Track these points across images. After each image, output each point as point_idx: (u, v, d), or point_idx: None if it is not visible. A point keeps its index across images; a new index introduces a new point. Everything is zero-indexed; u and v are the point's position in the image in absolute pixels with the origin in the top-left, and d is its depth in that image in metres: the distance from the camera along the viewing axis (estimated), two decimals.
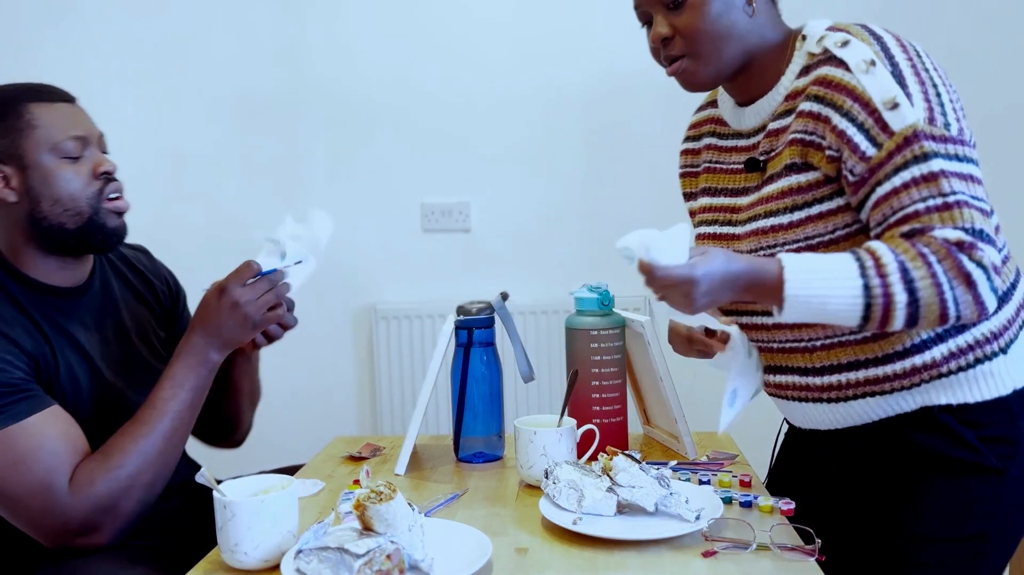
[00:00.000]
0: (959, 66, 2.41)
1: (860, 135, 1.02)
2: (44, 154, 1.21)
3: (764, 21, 1.14)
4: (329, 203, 2.53)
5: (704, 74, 1.14)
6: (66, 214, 1.23)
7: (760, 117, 1.17)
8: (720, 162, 1.26)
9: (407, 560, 0.95)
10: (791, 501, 1.19)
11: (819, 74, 1.07)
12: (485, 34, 2.49)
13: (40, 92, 1.25)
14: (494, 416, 1.46)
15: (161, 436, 1.20)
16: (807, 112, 1.08)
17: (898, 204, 1.00)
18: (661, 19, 1.13)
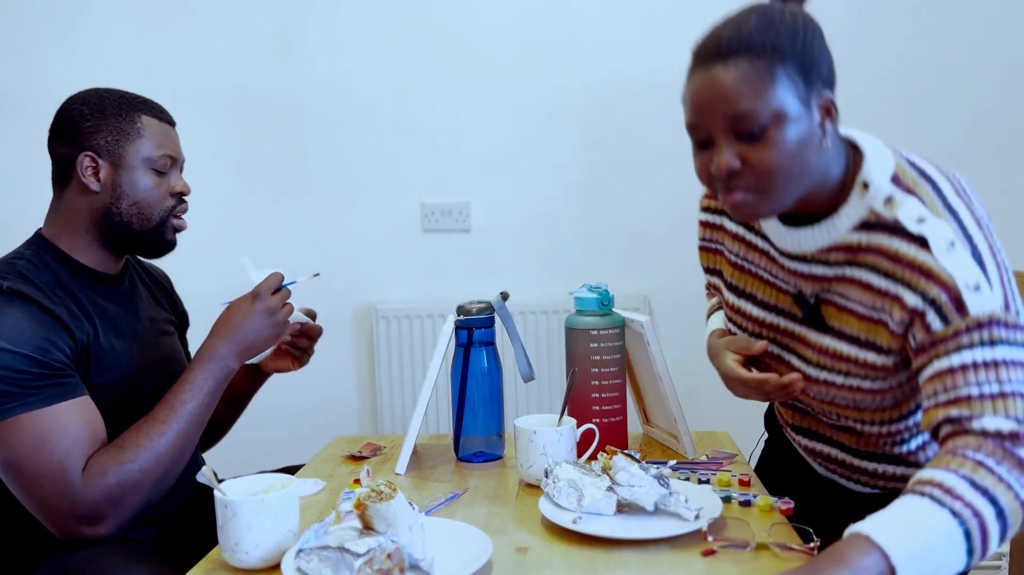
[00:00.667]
0: (957, 64, 2.42)
1: (932, 311, 0.98)
2: (140, 162, 1.32)
3: (831, 155, 1.05)
4: (329, 203, 2.54)
5: (765, 211, 1.04)
6: (138, 216, 1.33)
7: (800, 246, 1.10)
8: (750, 262, 1.20)
9: (407, 559, 0.96)
10: (790, 500, 1.19)
11: (891, 248, 1.02)
12: (485, 34, 2.49)
13: (153, 108, 1.36)
14: (494, 416, 1.46)
15: (175, 436, 1.24)
16: (876, 288, 1.04)
17: (952, 384, 0.96)
18: (728, 148, 1.00)
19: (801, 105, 0.99)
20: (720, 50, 1.00)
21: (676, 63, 2.61)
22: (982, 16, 2.41)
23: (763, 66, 0.97)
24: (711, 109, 1.00)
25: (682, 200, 2.49)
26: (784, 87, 0.98)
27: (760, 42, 0.98)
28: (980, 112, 2.41)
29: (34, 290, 1.22)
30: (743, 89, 0.97)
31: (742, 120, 0.98)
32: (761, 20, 1.00)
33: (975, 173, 2.49)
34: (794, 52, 0.98)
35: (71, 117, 1.32)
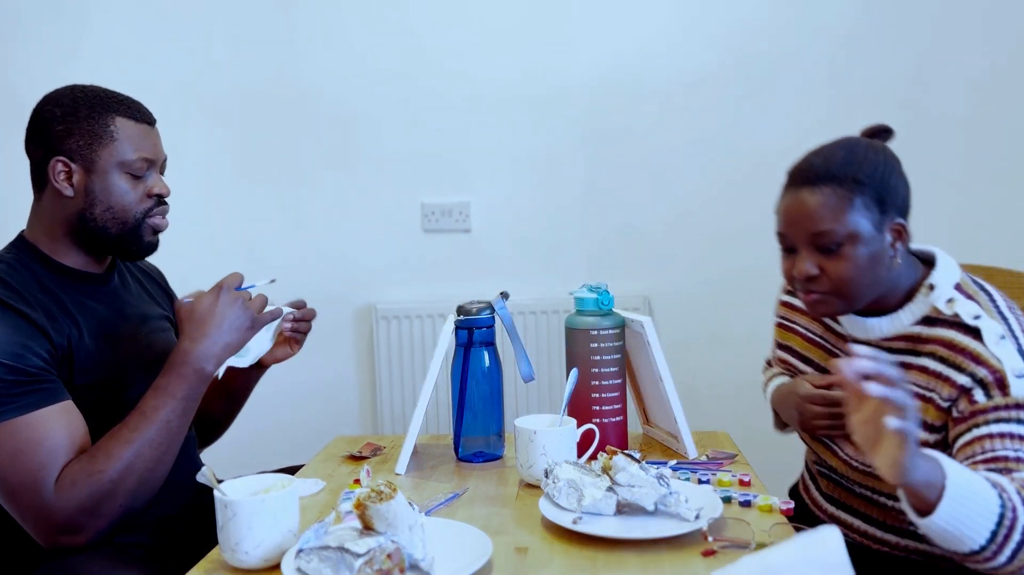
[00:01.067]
0: (957, 63, 2.42)
1: (979, 389, 1.13)
2: (113, 166, 1.28)
3: (901, 269, 1.22)
4: (329, 203, 2.54)
5: (840, 310, 1.24)
6: (113, 221, 1.29)
7: (868, 334, 1.26)
8: (822, 339, 1.37)
9: (407, 559, 0.96)
10: (790, 500, 1.19)
11: (948, 338, 1.18)
12: (485, 35, 2.49)
13: (129, 107, 1.31)
14: (494, 416, 1.46)
15: (147, 444, 1.19)
16: (931, 371, 1.18)
17: (990, 447, 1.09)
18: (809, 257, 1.19)
19: (874, 229, 1.17)
20: (810, 176, 1.19)
21: (676, 63, 2.63)
22: (983, 15, 2.41)
23: (844, 194, 1.16)
24: (797, 224, 1.19)
25: (682, 200, 2.51)
26: (860, 213, 1.16)
27: (843, 173, 1.17)
28: (981, 111, 2.41)
29: (11, 294, 1.20)
30: (825, 212, 1.16)
31: (822, 237, 1.17)
32: (848, 154, 1.19)
33: (975, 173, 2.50)
34: (872, 184, 1.17)
35: (44, 119, 1.29)
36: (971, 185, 2.42)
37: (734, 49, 2.45)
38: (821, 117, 2.43)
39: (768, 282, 2.43)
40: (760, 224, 2.48)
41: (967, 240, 2.18)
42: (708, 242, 2.51)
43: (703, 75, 2.47)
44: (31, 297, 1.22)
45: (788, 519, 1.14)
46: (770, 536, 1.04)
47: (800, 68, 2.45)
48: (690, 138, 2.49)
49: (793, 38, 2.44)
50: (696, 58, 2.46)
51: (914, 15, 2.42)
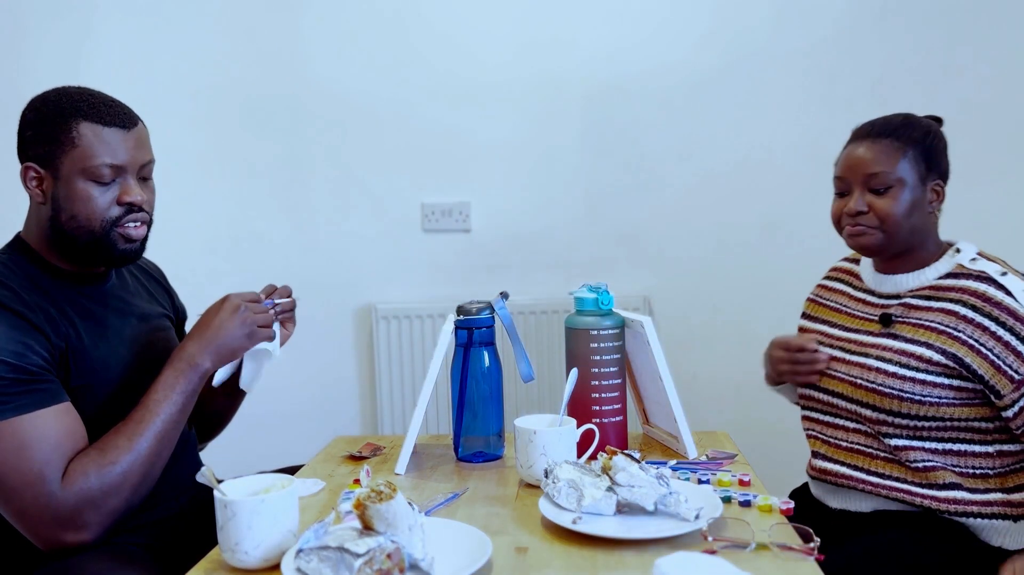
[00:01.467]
0: (957, 63, 2.42)
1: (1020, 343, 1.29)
2: (76, 172, 1.23)
3: (931, 231, 1.43)
4: (329, 203, 2.54)
5: (879, 247, 1.41)
6: (79, 229, 1.25)
7: (897, 288, 1.44)
8: (847, 307, 1.52)
9: (407, 559, 0.95)
10: (790, 500, 1.19)
11: (979, 289, 1.34)
12: (485, 34, 2.49)
13: (97, 111, 1.24)
14: (494, 416, 1.46)
15: (153, 437, 1.22)
16: (961, 315, 1.34)
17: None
18: (859, 196, 1.39)
19: (919, 181, 1.39)
20: (871, 131, 1.42)
21: (676, 63, 2.63)
22: (981, 15, 2.41)
23: (899, 146, 1.39)
24: (855, 168, 1.40)
25: (682, 200, 2.51)
26: (910, 164, 1.38)
27: (901, 131, 1.40)
28: (980, 111, 2.41)
29: (9, 295, 1.20)
30: (881, 157, 1.38)
31: (875, 178, 1.38)
32: (906, 120, 1.43)
33: (974, 172, 2.50)
34: (923, 146, 1.40)
35: (22, 124, 1.28)
36: (971, 185, 2.42)
37: (734, 49, 2.45)
38: (821, 117, 2.43)
39: (768, 282, 2.44)
40: (760, 224, 2.50)
41: (967, 240, 2.18)
42: (708, 242, 2.51)
43: (703, 75, 2.47)
44: (28, 298, 1.22)
45: (788, 519, 1.14)
46: (770, 536, 1.05)
47: (800, 68, 2.45)
48: (690, 138, 2.49)
49: (793, 38, 2.44)
50: (696, 58, 2.46)
51: (914, 15, 2.42)
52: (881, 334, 1.41)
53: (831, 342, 1.48)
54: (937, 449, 1.36)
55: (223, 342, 1.29)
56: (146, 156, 1.30)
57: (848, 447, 1.44)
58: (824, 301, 1.58)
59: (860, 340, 1.43)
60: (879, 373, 1.36)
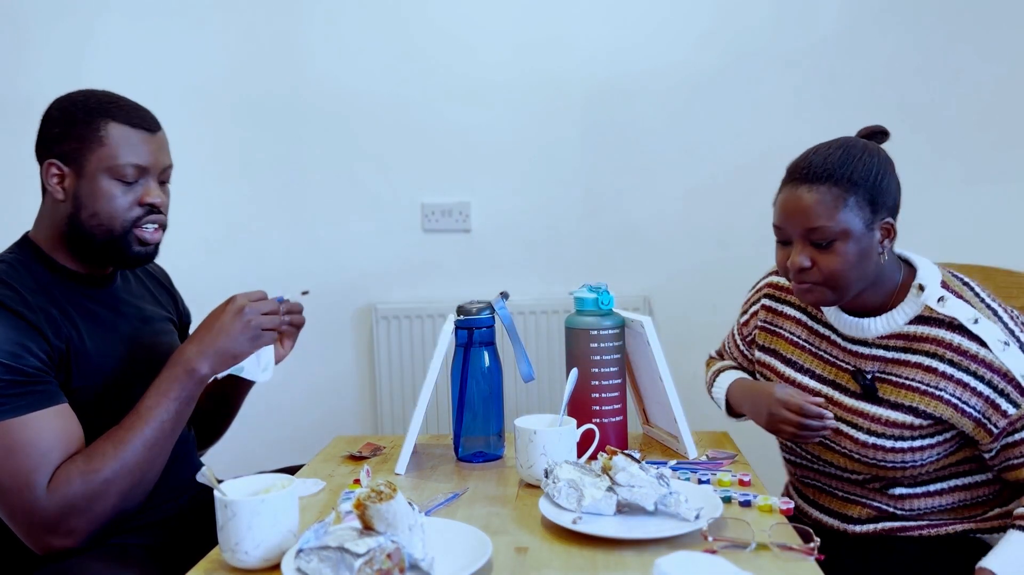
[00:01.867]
0: (957, 63, 2.42)
1: (1001, 399, 1.23)
2: (101, 171, 1.25)
3: (887, 265, 1.31)
4: (329, 203, 2.54)
5: (830, 301, 1.30)
6: (99, 228, 1.27)
7: (864, 333, 1.34)
8: (810, 343, 1.42)
9: (407, 559, 0.95)
10: (790, 500, 1.19)
11: (953, 342, 1.26)
12: (485, 34, 2.49)
13: (126, 113, 1.28)
14: (494, 416, 1.46)
15: (142, 444, 1.19)
16: (940, 372, 1.26)
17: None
18: (803, 251, 1.27)
19: (865, 227, 1.25)
20: (808, 174, 1.26)
21: (676, 63, 2.63)
22: (982, 14, 2.41)
23: (839, 193, 1.24)
24: (793, 220, 1.27)
25: (682, 200, 2.51)
26: (853, 212, 1.24)
27: (840, 174, 1.24)
28: (981, 111, 2.41)
29: (10, 295, 1.20)
30: (820, 210, 1.24)
31: (815, 233, 1.25)
32: (844, 155, 1.26)
33: (974, 172, 2.49)
34: (866, 185, 1.25)
35: (45, 122, 1.29)
36: (971, 185, 2.42)
37: (734, 49, 2.45)
38: (820, 117, 2.43)
39: None
40: (760, 224, 2.49)
41: (967, 240, 2.18)
42: (708, 242, 2.51)
43: (703, 75, 2.47)
44: (30, 298, 1.22)
45: (788, 519, 1.14)
46: (770, 536, 1.05)
47: (799, 68, 2.45)
48: (690, 138, 2.49)
49: (792, 38, 2.44)
50: (696, 58, 2.46)
51: (914, 15, 2.42)
52: (862, 397, 1.33)
53: None
54: (941, 489, 1.34)
55: (223, 346, 1.24)
56: (167, 161, 1.34)
57: (843, 498, 1.40)
58: (780, 332, 1.47)
59: (842, 403, 1.35)
60: (876, 449, 1.30)
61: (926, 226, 1.97)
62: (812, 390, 1.39)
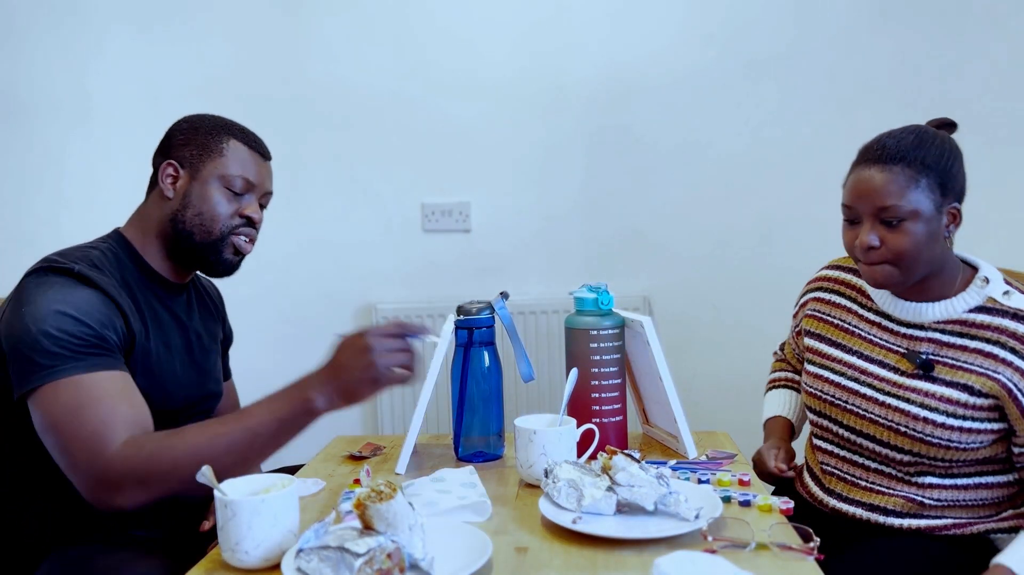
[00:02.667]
0: (957, 62, 2.42)
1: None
2: (214, 177, 1.37)
3: (948, 255, 1.34)
4: (329, 203, 2.54)
5: (897, 282, 1.32)
6: (200, 228, 1.36)
7: (920, 318, 1.36)
8: (860, 329, 1.44)
9: (407, 559, 0.96)
10: (790, 500, 1.19)
11: (1018, 330, 1.28)
12: (486, 34, 2.49)
13: (247, 136, 1.42)
14: (494, 416, 1.46)
15: (227, 443, 1.18)
16: (1002, 359, 1.28)
17: None
18: (871, 228, 1.29)
19: (935, 209, 1.28)
20: (882, 155, 1.28)
21: (677, 63, 2.62)
22: (983, 13, 2.41)
23: (912, 175, 1.27)
24: (865, 198, 1.29)
25: (682, 200, 2.51)
26: (924, 193, 1.27)
27: (913, 156, 1.27)
28: (981, 111, 2.41)
29: (102, 277, 1.26)
30: (893, 189, 1.26)
31: (886, 211, 1.27)
32: (917, 139, 1.29)
33: (975, 172, 2.49)
34: (937, 169, 1.27)
35: (172, 131, 1.41)
36: (971, 185, 2.42)
37: (734, 49, 2.45)
38: (821, 117, 2.44)
39: (768, 282, 2.44)
40: (760, 225, 2.50)
41: (967, 240, 2.18)
42: (708, 242, 2.51)
43: (703, 75, 2.47)
44: (116, 285, 1.28)
45: (788, 519, 1.14)
46: (770, 536, 1.05)
47: (800, 68, 2.45)
48: (690, 138, 2.49)
49: (793, 38, 2.45)
50: (696, 58, 2.46)
51: (914, 14, 2.42)
52: (915, 375, 1.33)
53: (854, 374, 1.40)
54: (966, 484, 1.34)
55: (343, 384, 1.19)
56: (270, 187, 1.46)
57: (867, 487, 1.39)
58: (830, 319, 1.48)
59: (892, 379, 1.35)
60: (927, 423, 1.30)
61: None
62: (858, 368, 1.40)
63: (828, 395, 1.42)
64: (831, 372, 1.43)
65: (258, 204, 1.43)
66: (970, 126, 2.42)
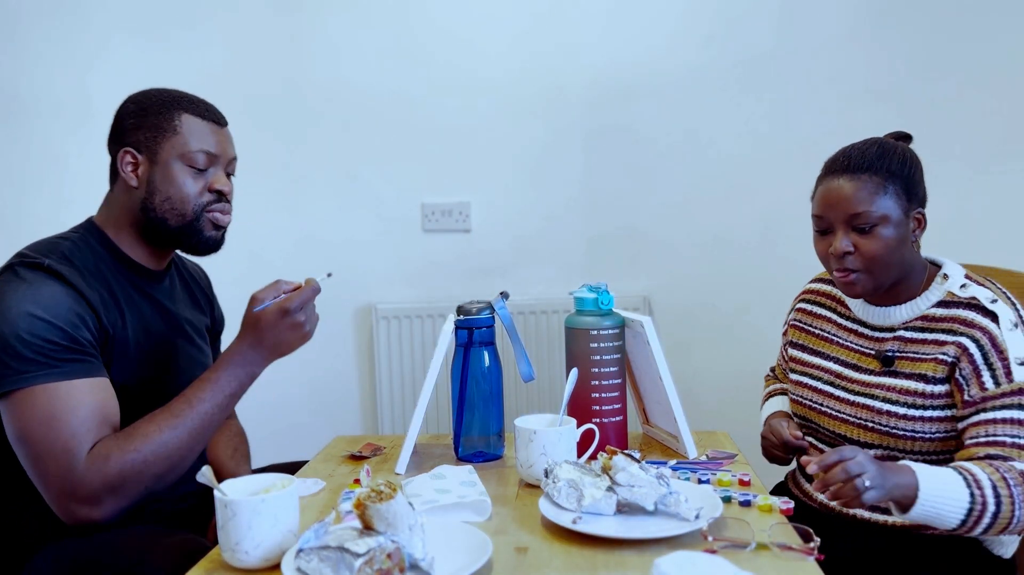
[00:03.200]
0: (957, 62, 2.42)
1: (987, 371, 1.28)
2: (174, 158, 1.33)
3: (916, 258, 1.39)
4: (329, 203, 2.54)
5: (871, 288, 1.36)
6: (172, 212, 1.33)
7: (891, 320, 1.41)
8: (837, 337, 1.49)
9: (407, 559, 0.96)
10: (790, 500, 1.19)
11: (967, 317, 1.32)
12: (485, 35, 2.49)
13: (197, 106, 1.36)
14: (494, 416, 1.46)
15: (186, 431, 1.23)
16: (951, 342, 1.32)
17: (992, 431, 1.26)
18: (844, 235, 1.34)
19: (902, 214, 1.34)
20: (849, 166, 1.35)
21: (677, 63, 2.62)
22: (983, 13, 2.41)
23: (879, 181, 1.33)
24: (836, 207, 1.34)
25: (682, 200, 2.51)
26: (892, 199, 1.33)
27: (879, 165, 1.34)
28: (980, 111, 2.41)
29: (73, 271, 1.25)
30: (862, 195, 1.32)
31: (858, 218, 1.33)
32: (880, 150, 1.36)
33: (975, 172, 2.49)
34: (902, 176, 1.34)
35: (120, 115, 1.36)
36: (971, 185, 2.42)
37: (733, 48, 2.45)
38: (821, 116, 2.43)
39: (768, 282, 2.44)
40: (759, 224, 2.49)
41: (967, 240, 2.18)
42: (708, 242, 2.51)
43: (702, 74, 2.47)
44: (89, 278, 1.27)
45: (788, 519, 1.14)
46: (770, 536, 1.05)
47: (799, 67, 2.45)
48: (690, 138, 2.49)
49: (792, 37, 2.45)
50: (695, 57, 2.46)
51: (913, 13, 2.42)
52: (882, 372, 1.39)
53: (830, 378, 1.46)
54: None
55: (281, 351, 1.30)
56: (233, 153, 1.41)
57: None
58: (810, 328, 1.55)
59: (861, 380, 1.41)
60: (891, 416, 1.35)
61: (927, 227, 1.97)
62: (834, 372, 1.45)
63: (808, 400, 1.48)
64: (810, 378, 1.49)
65: (225, 174, 1.39)
66: (970, 126, 2.44)
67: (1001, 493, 1.18)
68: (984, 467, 1.21)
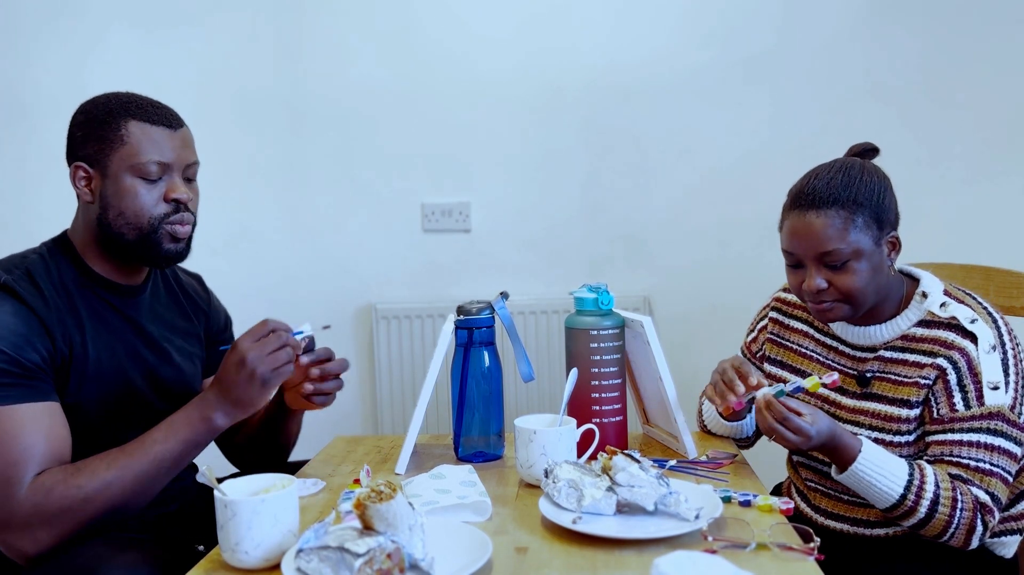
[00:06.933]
0: (957, 62, 2.42)
1: (959, 394, 1.28)
2: (124, 170, 1.26)
3: (894, 278, 1.37)
4: (329, 203, 2.54)
5: (846, 316, 1.34)
6: (127, 226, 1.27)
7: (872, 340, 1.38)
8: (816, 353, 1.47)
9: (407, 559, 0.96)
10: (790, 500, 1.19)
11: (946, 338, 1.30)
12: (485, 35, 2.49)
13: (145, 111, 1.28)
14: (494, 416, 1.46)
15: (134, 474, 1.17)
16: (929, 364, 1.31)
17: (957, 452, 1.26)
18: (818, 273, 1.31)
19: (874, 244, 1.30)
20: (815, 200, 1.29)
21: (677, 63, 2.62)
22: (984, 12, 2.41)
23: (847, 215, 1.28)
24: (805, 245, 1.30)
25: (682, 200, 2.51)
26: (862, 231, 1.28)
27: (845, 196, 1.29)
28: (980, 111, 2.41)
29: (30, 289, 1.20)
30: (832, 233, 1.28)
31: (830, 256, 1.29)
32: (846, 178, 1.30)
33: (975, 172, 2.49)
34: (870, 205, 1.29)
35: (71, 127, 1.31)
36: (970, 185, 2.42)
37: (733, 48, 2.45)
38: (820, 117, 2.43)
39: (768, 282, 2.43)
40: (759, 224, 2.49)
41: (967, 240, 2.18)
42: (708, 242, 2.51)
43: (702, 75, 2.47)
44: (49, 296, 1.22)
45: (788, 519, 1.14)
46: (770, 536, 1.05)
47: (799, 68, 2.45)
48: (690, 138, 2.49)
49: (792, 37, 2.44)
50: (695, 58, 2.46)
51: (914, 13, 2.42)
52: (862, 396, 1.37)
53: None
54: None
55: (236, 398, 1.20)
56: (191, 157, 1.32)
57: (850, 501, 1.39)
58: (788, 344, 1.51)
59: (847, 405, 1.38)
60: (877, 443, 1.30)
61: (926, 227, 1.97)
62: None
63: None
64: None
65: (183, 180, 1.31)
66: (970, 126, 2.44)
67: (940, 509, 1.21)
68: (944, 479, 1.23)
